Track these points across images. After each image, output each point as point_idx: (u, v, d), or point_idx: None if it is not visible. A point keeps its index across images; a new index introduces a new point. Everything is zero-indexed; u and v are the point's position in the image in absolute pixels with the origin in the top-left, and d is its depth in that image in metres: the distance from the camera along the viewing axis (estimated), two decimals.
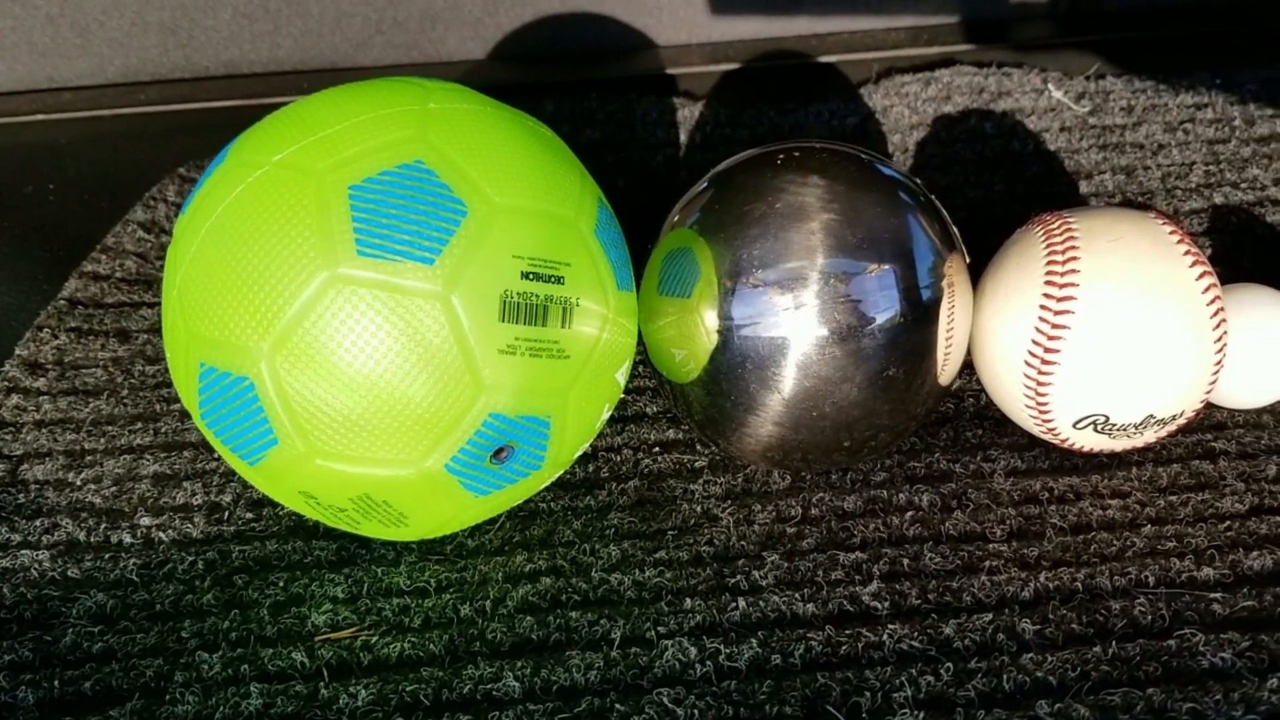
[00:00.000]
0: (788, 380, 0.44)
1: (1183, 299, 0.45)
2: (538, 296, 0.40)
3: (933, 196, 0.48)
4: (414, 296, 0.39)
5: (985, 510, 0.46)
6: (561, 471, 0.47)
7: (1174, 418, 0.47)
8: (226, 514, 0.49)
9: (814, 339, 0.43)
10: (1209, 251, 0.63)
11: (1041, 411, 0.47)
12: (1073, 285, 0.45)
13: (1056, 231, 0.47)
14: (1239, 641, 0.40)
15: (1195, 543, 0.44)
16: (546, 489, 0.49)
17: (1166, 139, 0.71)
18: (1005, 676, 0.39)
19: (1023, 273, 0.47)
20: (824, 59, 0.86)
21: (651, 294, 0.46)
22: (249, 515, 0.49)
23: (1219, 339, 0.46)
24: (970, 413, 0.52)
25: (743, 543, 0.46)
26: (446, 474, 0.41)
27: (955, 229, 0.48)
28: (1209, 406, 0.52)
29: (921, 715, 0.38)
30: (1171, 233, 0.47)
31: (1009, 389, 0.48)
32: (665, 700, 0.39)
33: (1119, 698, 0.38)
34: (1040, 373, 0.46)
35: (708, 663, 0.41)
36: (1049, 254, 0.47)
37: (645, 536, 0.46)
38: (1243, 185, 0.67)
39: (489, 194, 0.40)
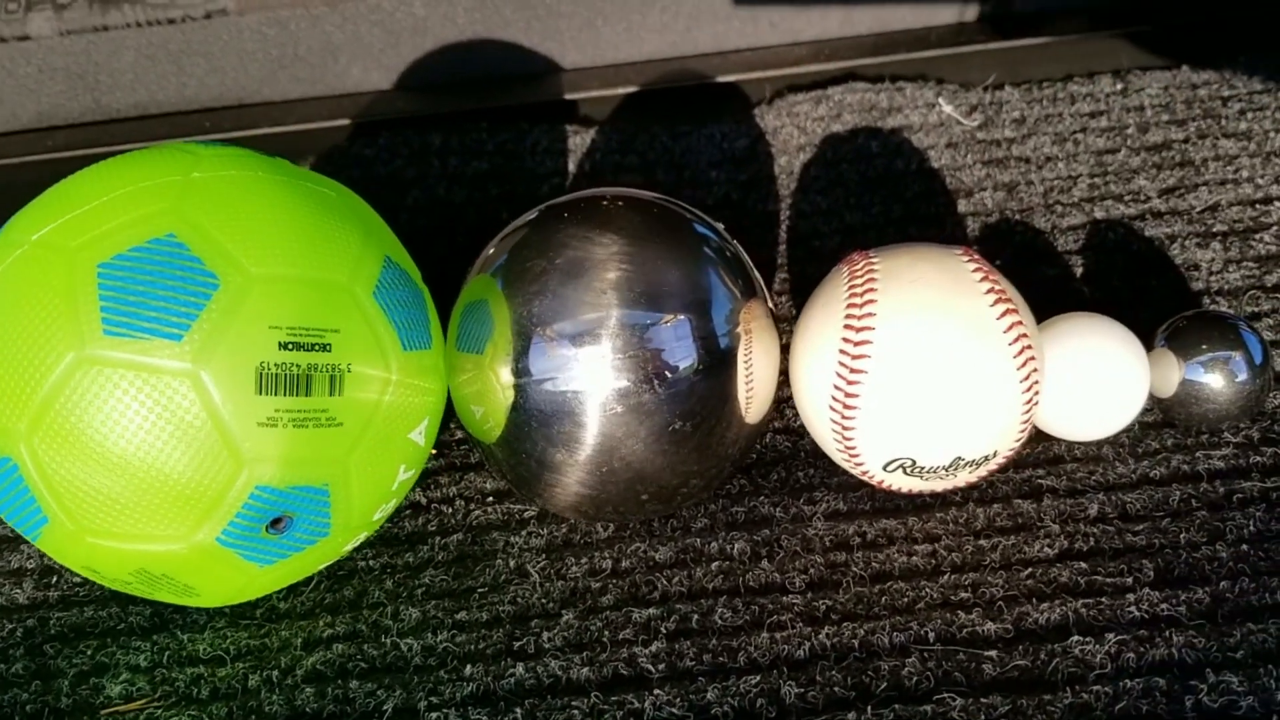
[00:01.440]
0: (581, 436, 0.43)
1: (983, 339, 0.44)
2: (299, 366, 0.40)
3: (734, 242, 0.47)
4: (163, 374, 0.38)
5: (793, 558, 0.46)
6: (366, 533, 0.46)
7: (986, 458, 0.46)
8: (56, 578, 0.49)
9: (607, 393, 0.42)
10: (1080, 270, 0.61)
11: (851, 455, 0.46)
12: (869, 329, 0.44)
13: (860, 272, 0.46)
14: (998, 707, 0.39)
15: (990, 593, 0.43)
16: (370, 545, 0.49)
17: (1055, 151, 0.70)
18: None
19: (826, 314, 0.47)
20: (723, 78, 0.85)
21: (452, 349, 0.46)
22: (76, 580, 0.49)
23: (1027, 377, 0.44)
24: (806, 451, 0.51)
25: (544, 601, 0.45)
26: (220, 547, 0.41)
27: (757, 274, 0.47)
28: (1047, 439, 0.50)
29: None
30: (975, 270, 0.45)
31: (820, 432, 0.47)
32: None
33: None
34: (844, 416, 0.45)
35: None
36: (849, 295, 0.46)
37: (453, 595, 0.46)
38: (1126, 198, 0.66)
39: (245, 264, 0.40)
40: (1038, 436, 0.52)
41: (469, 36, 0.86)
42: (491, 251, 0.46)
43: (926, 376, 0.44)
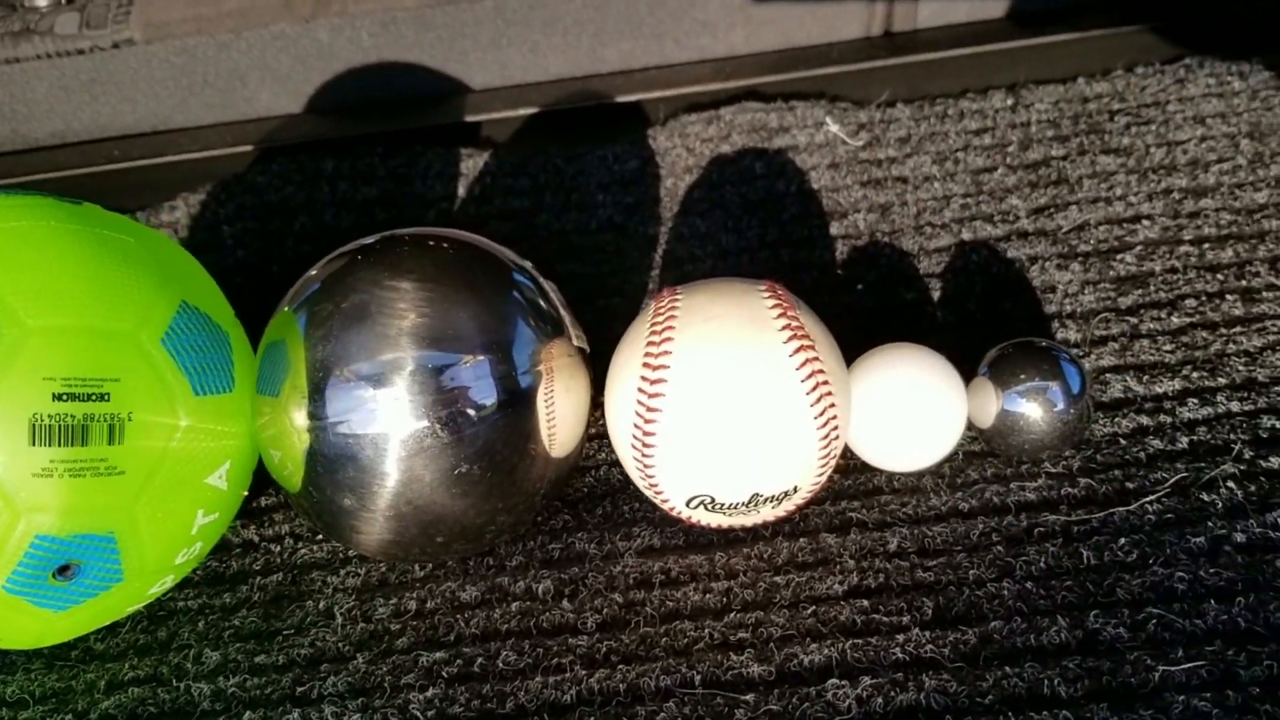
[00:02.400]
0: (371, 482, 0.44)
1: (775, 376, 0.44)
2: (74, 417, 0.41)
3: (539, 280, 0.47)
4: None
5: (594, 597, 0.46)
6: (173, 576, 0.47)
7: (787, 494, 0.46)
8: None
9: (398, 436, 0.43)
10: (938, 294, 0.61)
11: (656, 492, 0.47)
12: (664, 367, 0.44)
13: (663, 309, 0.46)
14: None
15: (769, 632, 0.43)
16: (193, 584, 0.49)
17: (934, 170, 0.70)
18: None
19: (629, 351, 0.47)
20: (625, 98, 0.85)
21: (252, 392, 0.46)
22: None
23: (823, 413, 0.45)
24: (636, 489, 0.52)
25: (341, 644, 0.46)
26: (9, 595, 0.42)
27: (564, 312, 0.47)
28: (871, 470, 0.50)
29: None
30: (774, 307, 0.46)
31: (629, 467, 0.47)
32: None
33: None
34: (644, 454, 0.45)
35: None
36: (650, 333, 0.46)
37: (259, 637, 0.46)
38: (996, 218, 0.65)
39: (22, 316, 0.41)
40: (862, 468, 0.52)
41: (374, 60, 0.87)
42: (294, 290, 0.47)
43: (718, 414, 0.44)
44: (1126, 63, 0.77)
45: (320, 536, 0.51)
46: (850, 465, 0.52)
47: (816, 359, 0.45)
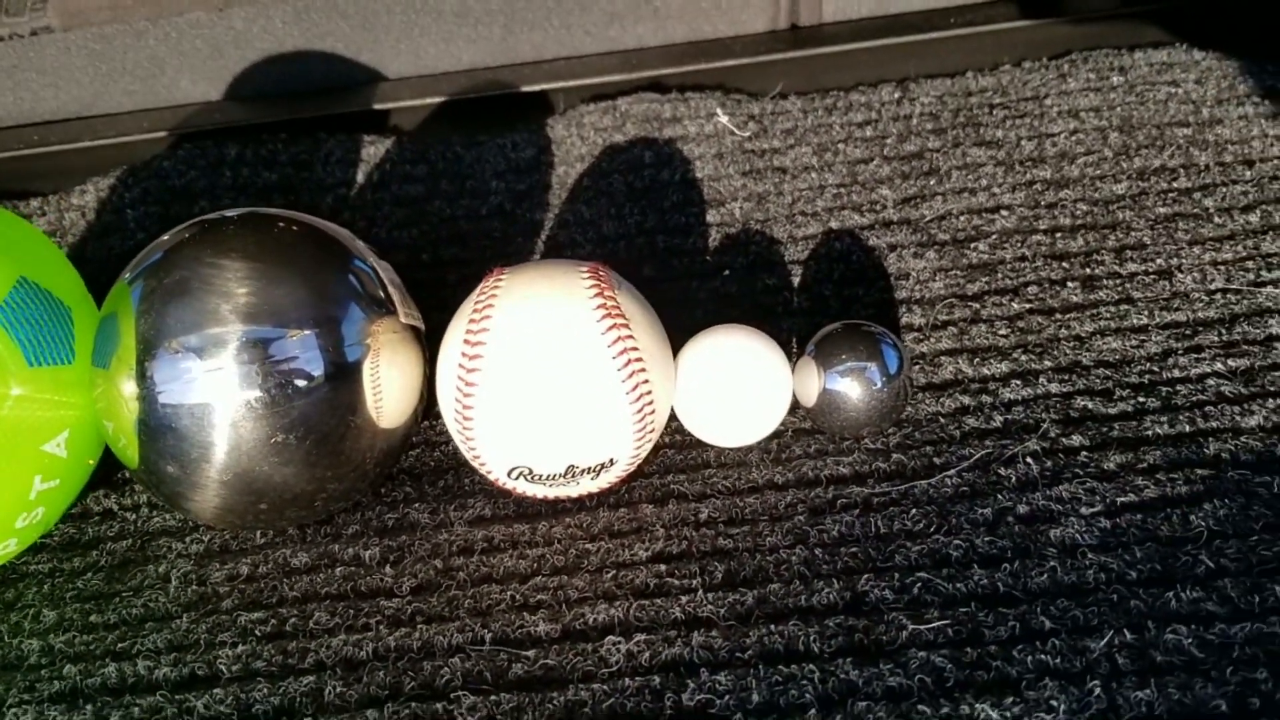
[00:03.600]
0: (192, 451, 0.45)
1: (586, 357, 0.46)
2: None
3: (370, 259, 0.49)
4: None
5: (416, 563, 0.48)
6: (14, 539, 0.49)
7: (604, 466, 0.47)
8: None
9: (220, 407, 0.45)
10: (798, 280, 0.63)
11: (480, 463, 0.48)
12: (482, 343, 0.46)
13: (488, 288, 0.48)
14: (503, 704, 0.41)
15: (568, 595, 0.45)
16: (47, 549, 0.52)
17: (813, 161, 0.72)
18: None
19: (454, 328, 0.49)
20: (531, 88, 0.87)
21: (89, 365, 0.48)
22: None
23: (635, 388, 0.46)
24: None
25: (170, 605, 0.48)
26: None
27: (395, 290, 0.49)
28: (703, 446, 0.52)
29: None
30: (591, 287, 0.47)
31: (456, 439, 0.49)
32: None
33: None
34: (464, 426, 0.47)
35: None
36: (473, 310, 0.48)
37: (97, 598, 0.48)
38: (864, 208, 0.67)
39: None
40: (693, 444, 0.53)
41: (290, 48, 0.89)
42: (133, 261, 0.48)
43: (532, 388, 0.46)
44: (1015, 58, 0.78)
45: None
46: (683, 441, 0.54)
47: (631, 338, 0.47)
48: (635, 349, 0.47)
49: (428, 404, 0.52)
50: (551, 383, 0.46)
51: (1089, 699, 0.39)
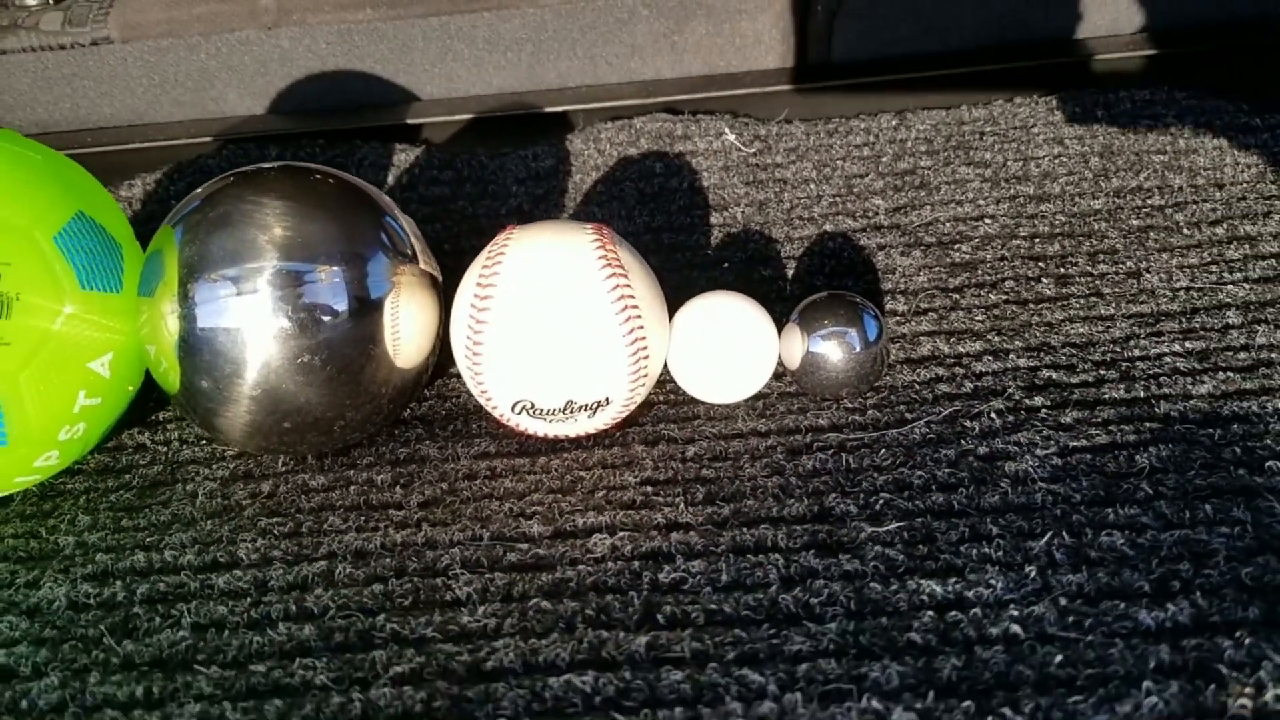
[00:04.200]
0: (228, 368, 0.50)
1: (587, 301, 0.50)
2: None
3: (397, 213, 0.54)
4: None
5: (424, 486, 0.52)
6: (56, 451, 0.53)
7: (600, 404, 0.52)
8: None
9: (255, 330, 0.49)
10: (791, 272, 0.68)
11: (487, 399, 0.53)
12: (493, 286, 0.51)
13: (500, 240, 0.53)
14: (496, 580, 0.45)
15: (561, 508, 0.49)
16: (83, 474, 0.57)
17: (812, 174, 0.77)
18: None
19: (469, 275, 0.54)
20: (552, 109, 0.93)
21: (134, 296, 0.53)
22: None
23: (630, 331, 0.51)
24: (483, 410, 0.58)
25: (196, 513, 0.52)
26: None
27: (416, 242, 0.54)
28: (695, 403, 0.57)
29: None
30: (594, 241, 0.52)
31: (466, 378, 0.54)
32: None
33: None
34: (473, 361, 0.52)
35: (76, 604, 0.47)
36: (485, 259, 0.53)
37: (129, 509, 0.53)
38: (858, 214, 0.72)
39: None
40: (686, 400, 0.58)
41: (331, 67, 0.95)
42: (176, 208, 0.54)
43: (535, 327, 0.51)
44: (1008, 95, 0.84)
45: (203, 441, 0.58)
46: (676, 399, 0.58)
47: (628, 286, 0.51)
48: (633, 298, 0.51)
49: (440, 360, 0.57)
50: (554, 322, 0.50)
51: (1025, 580, 0.43)
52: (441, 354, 0.56)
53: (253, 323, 0.49)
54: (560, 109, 0.93)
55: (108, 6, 0.95)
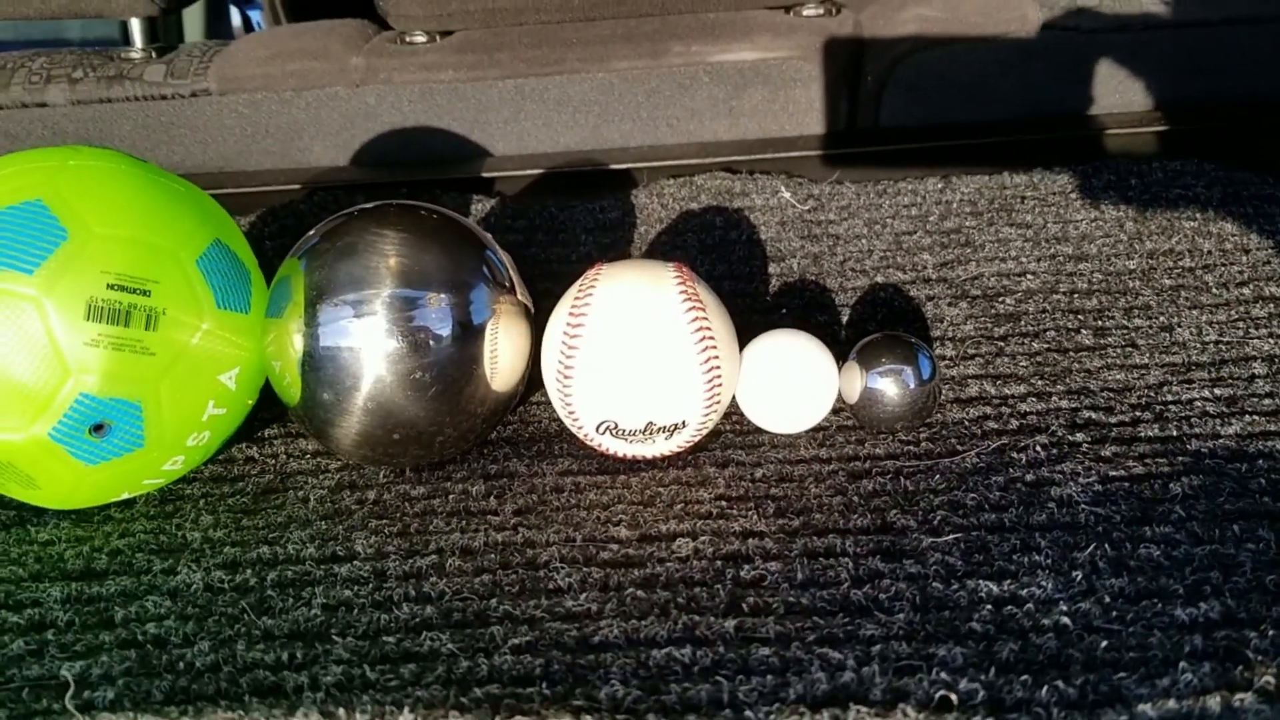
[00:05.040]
0: (348, 381, 0.56)
1: (670, 332, 0.56)
2: (121, 304, 0.54)
3: (497, 249, 0.60)
4: (14, 297, 0.52)
5: (515, 496, 0.57)
6: (183, 457, 0.59)
7: (677, 427, 0.57)
8: None
9: (372, 349, 0.55)
10: (845, 317, 0.73)
11: (573, 419, 0.58)
12: (584, 314, 0.57)
13: (590, 276, 0.59)
14: (593, 574, 0.50)
15: (643, 518, 0.55)
16: (199, 481, 0.62)
17: (864, 231, 0.83)
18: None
19: (561, 307, 0.59)
20: (618, 166, 1.00)
21: (262, 319, 0.59)
22: None
23: (707, 361, 0.56)
24: (570, 435, 0.64)
25: (309, 515, 0.57)
26: (51, 441, 0.54)
27: (514, 275, 0.60)
28: (760, 431, 0.62)
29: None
30: (676, 278, 0.58)
31: (555, 400, 0.59)
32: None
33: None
34: (563, 384, 0.57)
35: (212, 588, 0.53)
36: (578, 292, 0.59)
37: (246, 511, 0.58)
38: (907, 268, 0.78)
39: (91, 225, 0.54)
40: (751, 429, 0.63)
41: (412, 123, 1.02)
42: (299, 243, 0.60)
43: (622, 353, 0.56)
44: (1047, 164, 0.90)
45: (308, 455, 0.64)
46: (742, 428, 0.63)
47: (706, 319, 0.57)
48: (709, 331, 0.57)
49: (525, 388, 0.62)
50: (640, 349, 0.56)
51: (1072, 583, 0.48)
52: (531, 371, 0.62)
53: (370, 342, 0.55)
54: (623, 166, 0.99)
55: (208, 61, 1.02)
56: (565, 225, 0.88)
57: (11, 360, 0.52)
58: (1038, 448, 0.57)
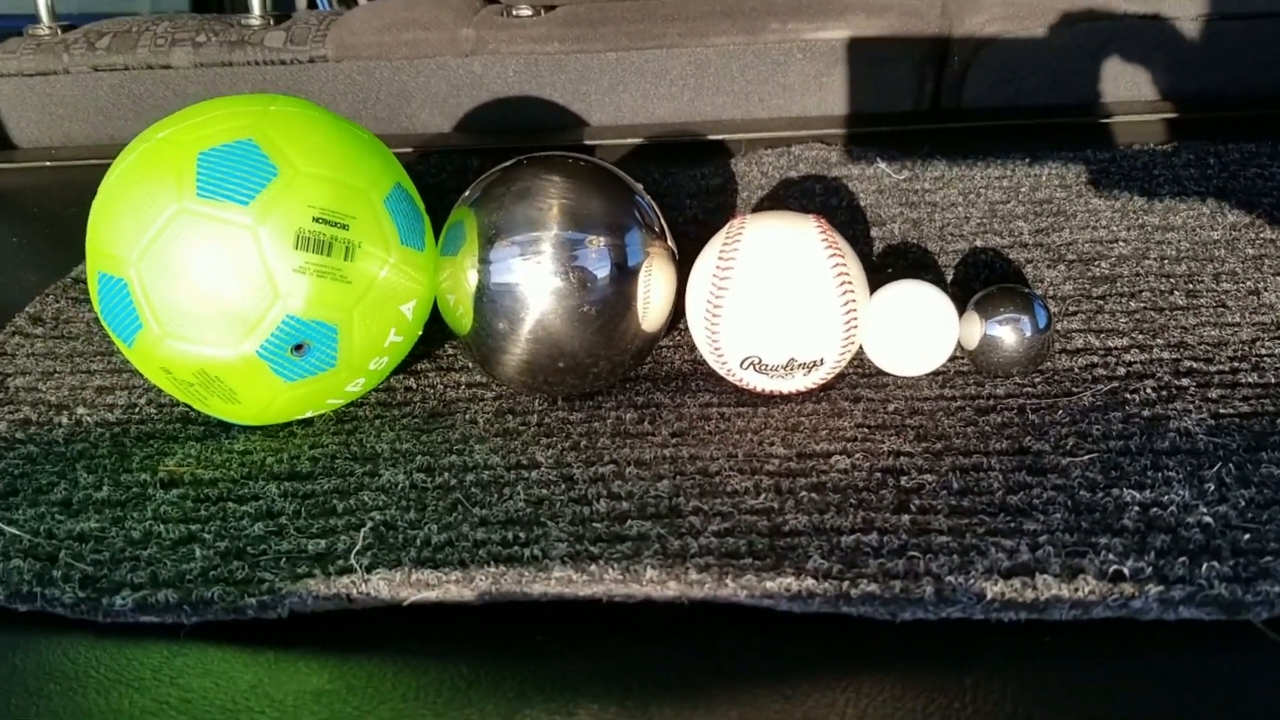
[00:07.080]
0: (519, 313, 0.62)
1: (813, 274, 0.62)
2: (324, 235, 0.59)
3: (648, 197, 0.66)
4: (232, 226, 0.58)
5: (668, 422, 0.63)
6: (364, 379, 0.65)
7: (815, 364, 0.63)
8: (137, 410, 0.69)
9: (540, 284, 0.61)
10: (950, 277, 0.79)
11: (718, 353, 0.64)
12: (734, 257, 0.62)
13: (735, 225, 0.65)
14: (762, 483, 0.56)
15: (793, 439, 0.60)
16: (369, 404, 0.67)
17: (959, 199, 0.88)
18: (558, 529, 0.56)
19: (708, 252, 0.65)
20: (714, 137, 1.05)
21: (437, 257, 0.65)
22: (152, 410, 0.69)
23: (846, 304, 0.62)
24: (701, 372, 0.69)
25: (481, 431, 0.63)
26: (258, 358, 0.60)
27: (663, 222, 0.66)
28: (882, 374, 0.68)
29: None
30: (818, 228, 0.64)
31: (699, 338, 0.65)
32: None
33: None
34: (711, 323, 0.63)
35: (417, 486, 0.59)
36: (725, 239, 0.64)
37: (420, 429, 0.64)
38: (1004, 234, 0.83)
39: (297, 163, 0.60)
40: (876, 372, 0.69)
41: (516, 93, 1.08)
42: (469, 190, 0.66)
43: (769, 292, 0.62)
44: (1127, 142, 0.95)
45: (463, 386, 0.69)
46: (866, 371, 0.69)
47: (844, 264, 0.63)
48: (847, 273, 0.62)
49: (665, 330, 0.68)
50: (785, 290, 0.61)
51: (1205, 493, 0.53)
52: (673, 313, 0.67)
53: (537, 279, 0.61)
54: (718, 138, 1.05)
55: (325, 29, 1.08)
56: (669, 190, 0.94)
57: (228, 283, 0.58)
58: (1148, 389, 0.63)
